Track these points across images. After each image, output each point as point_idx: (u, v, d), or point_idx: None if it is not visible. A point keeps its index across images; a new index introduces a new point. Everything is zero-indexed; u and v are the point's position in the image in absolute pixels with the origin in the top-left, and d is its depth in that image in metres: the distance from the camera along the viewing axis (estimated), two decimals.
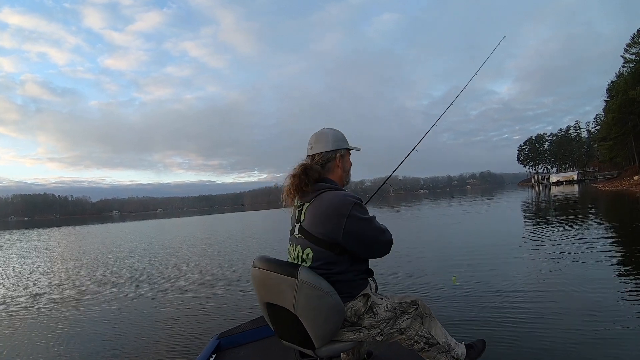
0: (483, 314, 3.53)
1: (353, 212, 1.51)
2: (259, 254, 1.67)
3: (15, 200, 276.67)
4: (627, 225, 9.55)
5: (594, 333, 2.89)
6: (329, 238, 1.53)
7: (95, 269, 8.81)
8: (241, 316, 4.06)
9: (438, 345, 1.70)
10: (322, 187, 1.61)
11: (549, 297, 3.87)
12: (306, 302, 1.49)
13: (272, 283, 1.56)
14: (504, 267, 5.38)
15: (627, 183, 35.23)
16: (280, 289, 1.53)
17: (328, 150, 1.71)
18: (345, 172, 1.77)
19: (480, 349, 1.89)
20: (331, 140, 1.72)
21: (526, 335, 2.97)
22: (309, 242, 1.57)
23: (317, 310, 1.50)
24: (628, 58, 50.78)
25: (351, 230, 1.51)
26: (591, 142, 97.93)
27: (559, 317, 3.30)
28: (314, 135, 1.76)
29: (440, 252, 7.34)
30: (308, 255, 1.58)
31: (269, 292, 1.60)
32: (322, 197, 1.57)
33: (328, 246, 1.54)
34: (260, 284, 1.63)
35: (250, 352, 2.61)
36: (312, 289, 1.48)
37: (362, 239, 1.54)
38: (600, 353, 2.59)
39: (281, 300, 1.54)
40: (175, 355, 3.22)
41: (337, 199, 1.54)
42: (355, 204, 1.53)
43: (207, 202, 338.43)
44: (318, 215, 1.55)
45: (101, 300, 5.57)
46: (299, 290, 1.48)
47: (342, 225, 1.50)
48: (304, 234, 1.59)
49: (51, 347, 3.69)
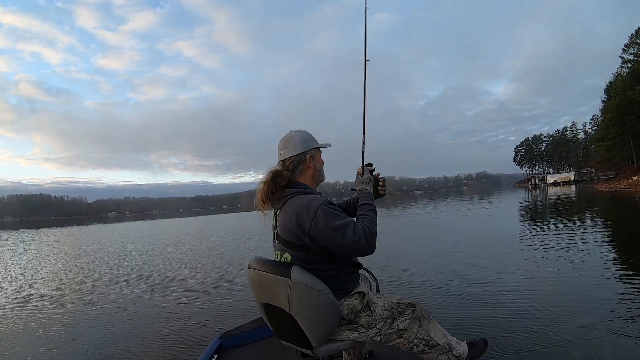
0: (484, 313, 3.52)
1: (316, 217, 1.50)
2: (255, 255, 1.68)
3: (11, 201, 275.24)
4: (629, 226, 9.56)
5: (595, 332, 2.88)
6: (299, 241, 1.56)
7: (94, 269, 8.72)
8: (243, 316, 4.05)
9: (438, 346, 1.70)
10: (290, 192, 1.63)
11: (549, 297, 3.86)
12: (300, 302, 1.50)
13: (267, 284, 1.59)
14: (504, 267, 5.37)
15: (626, 183, 35.14)
16: (275, 289, 1.55)
17: (297, 153, 1.71)
18: (317, 172, 1.79)
19: (482, 348, 1.89)
20: (299, 143, 1.72)
21: (527, 333, 2.97)
22: (285, 247, 1.61)
23: (312, 309, 1.51)
24: (626, 58, 51.00)
25: (316, 235, 1.51)
26: (588, 143, 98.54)
27: (559, 316, 3.28)
28: (282, 141, 1.76)
29: (440, 252, 7.28)
30: (286, 259, 1.62)
31: (265, 292, 1.61)
32: (289, 204, 1.61)
33: (301, 248, 1.57)
34: (256, 285, 1.65)
35: (252, 353, 2.60)
36: (306, 288, 1.49)
37: (329, 243, 1.52)
38: (600, 352, 2.57)
39: (277, 301, 1.55)
40: (177, 356, 3.19)
41: (302, 204, 1.55)
42: (319, 208, 1.52)
43: (204, 202, 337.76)
44: (286, 222, 1.58)
45: (101, 300, 5.50)
46: (293, 290, 1.49)
47: (306, 230, 1.52)
48: (279, 240, 1.64)
49: (50, 348, 3.61)
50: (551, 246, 6.77)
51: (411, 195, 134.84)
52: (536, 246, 6.94)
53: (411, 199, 65.25)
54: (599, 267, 4.91)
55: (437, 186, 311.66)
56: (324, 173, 1.82)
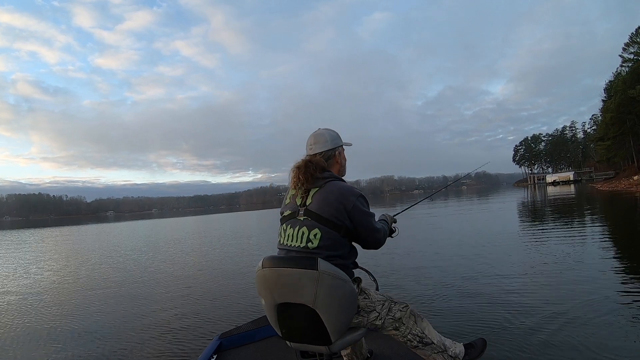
0: (483, 313, 3.51)
1: (357, 203, 1.68)
2: (267, 255, 1.63)
3: (10, 200, 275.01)
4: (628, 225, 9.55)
5: (595, 332, 2.86)
6: (336, 219, 1.63)
7: (94, 268, 8.68)
8: (242, 316, 4.03)
9: (433, 344, 1.76)
10: (330, 175, 1.77)
11: (550, 296, 3.85)
12: (327, 294, 1.48)
13: (288, 280, 1.51)
14: (504, 267, 5.35)
15: (626, 183, 35.11)
16: (299, 284, 1.49)
17: (328, 149, 1.85)
18: (342, 167, 1.94)
19: (480, 348, 1.90)
20: (329, 140, 1.87)
21: (527, 333, 2.97)
22: (316, 223, 1.64)
23: (338, 300, 1.52)
24: (626, 57, 50.93)
25: (354, 215, 1.66)
26: (587, 143, 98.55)
27: (559, 315, 3.27)
28: (313, 136, 1.89)
29: (439, 252, 7.23)
30: (315, 235, 1.63)
31: (284, 291, 1.53)
32: (332, 184, 1.71)
33: (334, 226, 1.63)
34: (273, 285, 1.55)
35: (252, 353, 2.60)
36: (333, 278, 1.50)
37: (361, 225, 1.69)
38: (600, 351, 2.57)
39: (299, 297, 1.51)
40: (176, 356, 3.17)
41: (346, 189, 1.70)
42: (360, 196, 1.70)
43: (202, 202, 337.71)
44: (329, 198, 1.66)
45: (100, 300, 5.45)
46: (320, 282, 1.47)
47: (349, 209, 1.65)
48: (310, 215, 1.66)
49: (49, 348, 3.58)
50: (551, 246, 6.75)
51: (410, 194, 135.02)
52: (536, 245, 6.91)
53: (410, 198, 65.31)
54: (599, 267, 4.90)
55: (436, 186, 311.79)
56: (346, 169, 1.98)
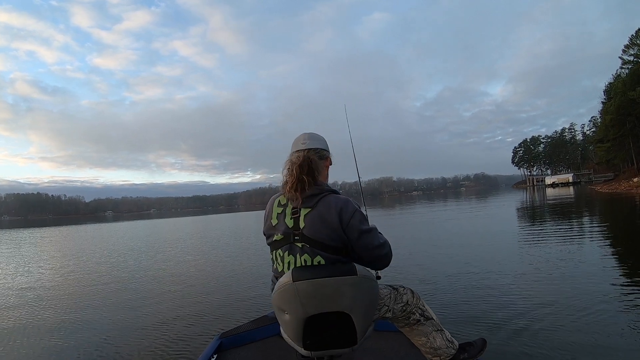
0: (483, 313, 3.52)
1: (354, 216, 1.51)
2: (292, 268, 1.50)
3: (8, 200, 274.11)
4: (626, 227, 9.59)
5: (595, 332, 2.87)
6: (334, 242, 1.49)
7: (93, 268, 8.65)
8: (243, 316, 4.01)
9: (432, 320, 1.77)
10: (321, 190, 1.56)
11: (550, 296, 3.86)
12: (364, 297, 1.47)
13: (327, 291, 1.43)
14: (504, 267, 5.35)
15: (626, 185, 35.11)
16: (339, 292, 1.43)
17: (323, 148, 1.71)
18: (327, 175, 1.77)
19: (480, 347, 1.87)
20: (323, 141, 1.75)
21: (527, 333, 2.98)
22: (318, 250, 1.50)
23: (369, 301, 1.51)
24: (626, 59, 50.95)
25: (351, 232, 1.50)
26: (586, 144, 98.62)
27: (560, 315, 3.29)
28: (306, 134, 1.75)
29: (439, 252, 7.22)
30: (320, 262, 1.50)
31: (322, 301, 1.44)
32: (327, 201, 1.53)
33: (335, 250, 1.50)
34: (307, 298, 1.44)
35: (252, 353, 2.58)
36: (368, 280, 1.47)
37: (359, 243, 1.52)
38: (600, 350, 2.58)
39: (337, 305, 1.44)
40: (177, 355, 3.17)
41: (341, 201, 1.53)
42: (356, 211, 1.53)
43: (201, 202, 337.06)
44: (325, 219, 1.50)
45: (100, 300, 5.44)
46: (359, 286, 1.44)
47: (344, 227, 1.49)
48: (308, 242, 1.50)
49: (49, 348, 3.56)
50: (551, 246, 6.74)
51: (409, 196, 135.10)
52: (536, 246, 6.90)
53: (409, 199, 65.33)
54: (600, 266, 4.89)
55: (434, 187, 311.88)
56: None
